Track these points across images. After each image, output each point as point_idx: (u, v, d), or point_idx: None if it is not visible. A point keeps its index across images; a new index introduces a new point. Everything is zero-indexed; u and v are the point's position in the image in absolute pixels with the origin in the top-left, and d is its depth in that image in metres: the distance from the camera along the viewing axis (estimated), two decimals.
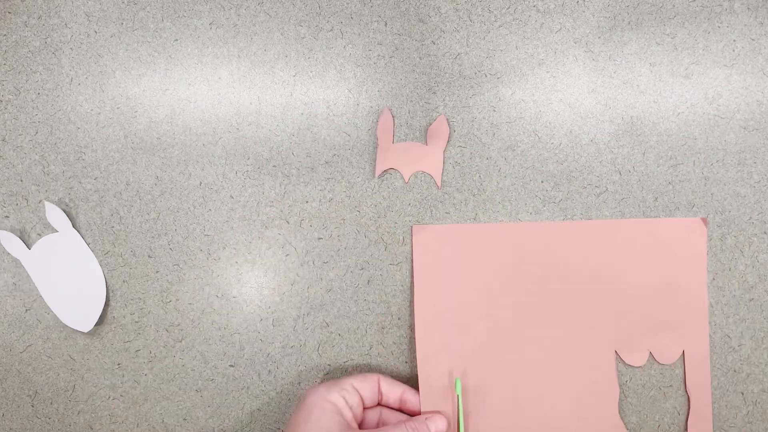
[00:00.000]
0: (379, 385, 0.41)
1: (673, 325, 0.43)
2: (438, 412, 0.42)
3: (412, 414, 0.42)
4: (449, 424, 0.41)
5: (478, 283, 0.43)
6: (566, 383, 0.42)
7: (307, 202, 0.45)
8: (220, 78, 0.46)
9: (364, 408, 0.41)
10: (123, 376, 0.45)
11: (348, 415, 0.39)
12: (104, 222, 0.45)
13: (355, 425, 0.39)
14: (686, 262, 0.43)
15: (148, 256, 0.45)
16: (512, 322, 0.43)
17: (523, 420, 0.42)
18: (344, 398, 0.39)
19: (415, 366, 0.43)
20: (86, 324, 0.44)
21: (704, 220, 0.43)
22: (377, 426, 0.42)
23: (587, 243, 0.43)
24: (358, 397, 0.40)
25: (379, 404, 0.42)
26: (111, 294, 0.45)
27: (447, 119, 0.45)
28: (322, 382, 0.44)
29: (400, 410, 0.42)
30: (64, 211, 0.45)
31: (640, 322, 0.43)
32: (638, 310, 0.43)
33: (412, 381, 0.44)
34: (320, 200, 0.45)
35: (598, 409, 0.42)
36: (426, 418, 0.40)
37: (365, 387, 0.40)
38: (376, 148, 0.45)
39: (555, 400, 0.42)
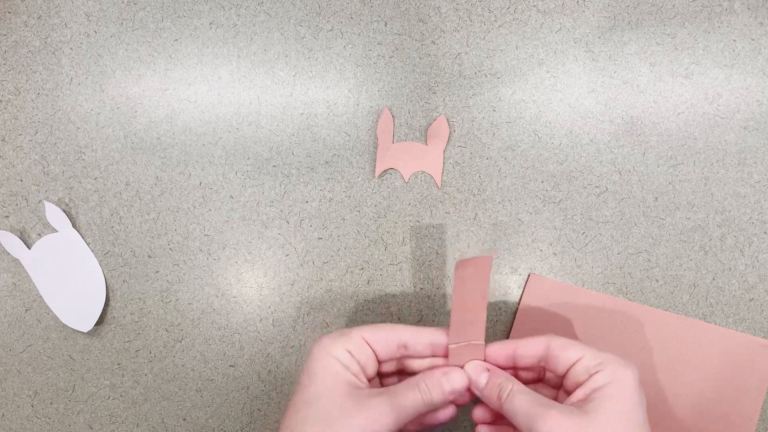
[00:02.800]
0: (399, 336, 0.36)
1: None
2: (460, 367, 0.36)
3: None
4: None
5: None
6: None
7: (307, 202, 0.45)
8: (220, 78, 0.46)
9: (380, 361, 0.36)
10: (123, 376, 0.45)
11: (354, 369, 0.34)
12: (104, 222, 0.45)
13: (363, 379, 0.35)
14: (746, 380, 0.43)
15: (148, 256, 0.45)
16: None
17: None
18: (350, 352, 0.34)
19: None
20: (86, 324, 0.44)
21: None
22: (397, 378, 0.37)
23: (659, 330, 0.43)
24: (367, 351, 0.35)
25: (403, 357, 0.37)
26: (111, 294, 0.45)
27: (447, 119, 0.45)
28: (329, 332, 0.37)
29: (433, 356, 0.37)
30: (64, 211, 0.45)
31: (686, 423, 0.43)
32: (686, 411, 0.43)
33: None
34: (320, 200, 0.45)
35: None
36: (443, 374, 0.35)
37: (377, 339, 0.35)
38: (376, 148, 0.45)
39: None
